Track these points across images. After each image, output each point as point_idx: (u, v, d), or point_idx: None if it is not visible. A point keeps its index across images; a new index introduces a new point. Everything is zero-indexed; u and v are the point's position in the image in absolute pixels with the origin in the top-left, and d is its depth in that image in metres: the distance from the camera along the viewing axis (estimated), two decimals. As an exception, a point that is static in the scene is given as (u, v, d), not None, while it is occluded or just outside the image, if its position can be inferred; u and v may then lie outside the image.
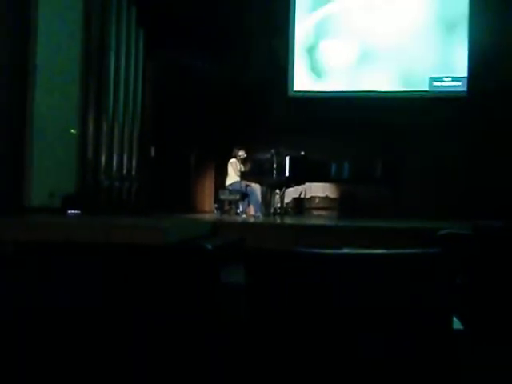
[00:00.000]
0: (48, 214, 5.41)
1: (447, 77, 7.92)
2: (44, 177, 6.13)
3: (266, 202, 6.84)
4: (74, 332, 1.35)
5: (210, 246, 1.45)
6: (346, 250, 1.31)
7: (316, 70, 8.28)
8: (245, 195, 6.92)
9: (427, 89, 7.93)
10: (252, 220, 5.99)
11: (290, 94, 8.22)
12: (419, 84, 7.96)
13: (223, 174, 7.36)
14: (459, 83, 7.85)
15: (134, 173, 7.17)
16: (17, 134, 6.10)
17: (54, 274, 1.42)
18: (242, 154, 7.09)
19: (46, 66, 6.18)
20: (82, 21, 6.80)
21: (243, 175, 6.91)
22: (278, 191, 6.81)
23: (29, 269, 1.42)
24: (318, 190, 7.93)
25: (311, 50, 8.29)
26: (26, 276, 1.42)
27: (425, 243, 1.37)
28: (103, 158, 6.79)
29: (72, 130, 6.54)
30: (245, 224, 5.20)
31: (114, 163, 6.93)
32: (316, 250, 1.28)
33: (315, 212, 7.86)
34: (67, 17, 6.59)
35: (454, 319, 1.33)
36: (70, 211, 5.62)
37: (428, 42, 7.97)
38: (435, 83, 7.93)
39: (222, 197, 7.12)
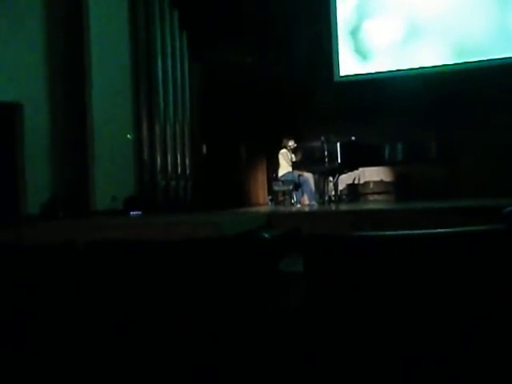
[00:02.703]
0: (112, 216, 5.69)
1: (508, 43, 7.27)
2: (106, 182, 6.45)
3: (320, 190, 6.79)
4: (142, 319, 1.42)
5: (267, 236, 1.47)
6: (408, 231, 1.27)
7: (361, 52, 8.06)
8: (298, 185, 6.90)
9: (484, 58, 7.33)
10: (307, 209, 5.96)
11: (337, 79, 8.06)
12: (475, 54, 7.40)
13: (275, 165, 7.38)
14: (522, 49, 7.16)
15: (188, 171, 7.36)
16: (79, 145, 6.48)
17: (121, 269, 1.50)
18: (291, 143, 7.06)
19: (99, 77, 6.48)
20: (128, 29, 7.06)
21: (295, 165, 6.88)
22: (331, 179, 6.73)
23: (99, 265, 1.51)
24: (371, 174, 7.75)
25: (355, 32, 8.07)
26: (97, 272, 1.50)
27: (490, 222, 1.31)
28: (158, 160, 7.02)
29: (128, 135, 6.82)
30: (300, 213, 5.19)
31: (169, 163, 7.14)
32: (376, 233, 1.27)
33: (370, 197, 7.69)
34: (115, 27, 6.86)
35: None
36: (131, 212, 5.89)
37: (482, 5, 7.39)
38: (493, 51, 7.30)
39: (276, 188, 7.14)
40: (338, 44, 8.08)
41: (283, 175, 7.00)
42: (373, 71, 7.91)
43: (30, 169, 6.16)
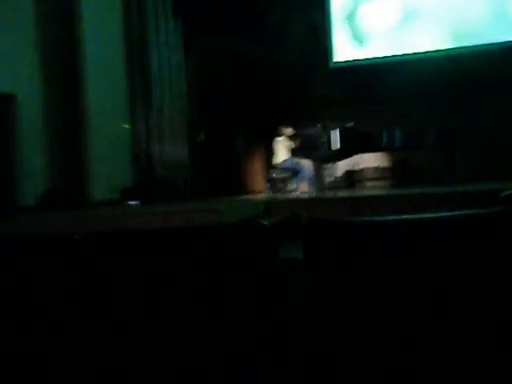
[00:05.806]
0: (109, 206, 5.68)
1: (505, 27, 7.12)
2: (102, 172, 6.43)
3: (318, 177, 6.78)
4: (142, 310, 1.42)
5: (266, 223, 1.46)
6: (407, 216, 1.27)
7: (357, 37, 8.00)
8: (296, 172, 6.89)
9: (482, 42, 7.20)
10: (305, 196, 5.96)
11: (333, 65, 8.02)
12: (473, 38, 7.27)
13: (272, 153, 7.36)
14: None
15: (185, 160, 7.34)
16: (75, 135, 6.44)
17: (121, 259, 1.49)
18: (289, 131, 7.04)
19: (93, 67, 6.42)
20: (121, 17, 6.98)
21: (292, 152, 6.87)
22: (328, 165, 6.72)
23: (98, 256, 1.50)
24: (369, 160, 7.75)
25: (351, 17, 8.00)
26: (97, 263, 1.50)
27: (488, 206, 1.30)
28: (155, 149, 7.00)
29: (125, 125, 6.78)
30: (298, 200, 5.19)
31: (166, 152, 7.12)
32: (377, 218, 1.26)
33: (368, 183, 7.70)
34: (108, 15, 6.78)
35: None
36: (129, 202, 5.88)
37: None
38: (491, 35, 7.15)
39: (273, 175, 7.13)
40: (333, 30, 8.02)
41: (281, 162, 6.99)
42: (369, 56, 7.86)
43: (25, 160, 6.13)
